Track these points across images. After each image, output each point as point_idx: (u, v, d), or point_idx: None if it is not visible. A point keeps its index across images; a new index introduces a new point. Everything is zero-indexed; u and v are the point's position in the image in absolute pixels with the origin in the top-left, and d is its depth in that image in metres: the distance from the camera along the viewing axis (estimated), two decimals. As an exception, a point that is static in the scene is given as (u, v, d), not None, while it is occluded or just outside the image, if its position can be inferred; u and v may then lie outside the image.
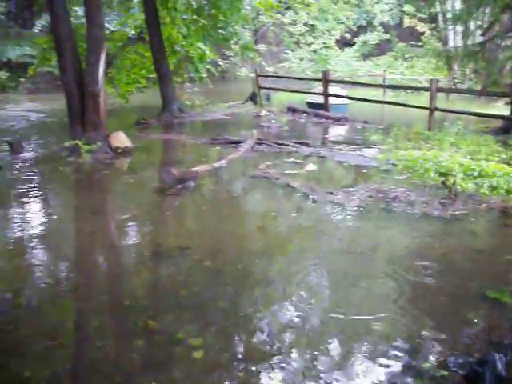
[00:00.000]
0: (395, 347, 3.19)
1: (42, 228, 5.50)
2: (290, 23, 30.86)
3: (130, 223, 5.81)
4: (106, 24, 11.59)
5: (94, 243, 5.31)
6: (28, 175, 7.82)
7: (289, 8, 28.74)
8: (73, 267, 4.66)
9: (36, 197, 6.74)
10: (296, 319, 3.52)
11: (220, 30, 15.56)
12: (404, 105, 13.02)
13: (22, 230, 5.38)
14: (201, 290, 4.02)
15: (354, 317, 3.55)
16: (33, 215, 6.01)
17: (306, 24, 30.77)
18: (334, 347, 3.23)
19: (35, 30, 23.67)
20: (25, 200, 6.52)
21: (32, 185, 7.27)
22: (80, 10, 14.47)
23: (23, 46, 22.40)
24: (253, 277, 4.27)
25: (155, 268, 4.56)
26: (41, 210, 6.33)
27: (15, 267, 4.55)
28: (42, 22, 23.01)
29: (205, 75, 17.39)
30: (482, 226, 5.65)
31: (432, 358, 3.08)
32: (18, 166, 8.31)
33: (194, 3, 15.59)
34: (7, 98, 20.08)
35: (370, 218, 5.67)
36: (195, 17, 15.53)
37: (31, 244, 5.03)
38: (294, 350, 3.18)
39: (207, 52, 16.69)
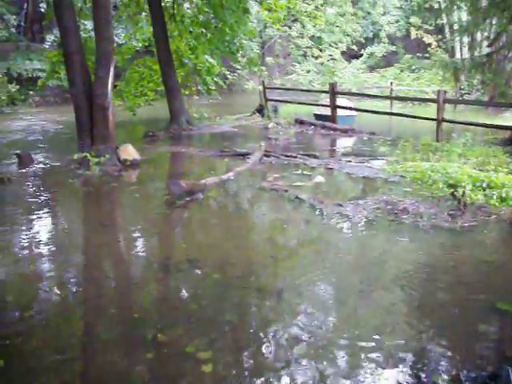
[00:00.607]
0: (406, 360, 3.16)
1: (50, 240, 5.52)
2: (297, 36, 31.05)
3: (139, 236, 5.82)
4: (114, 37, 11.71)
5: (103, 256, 5.32)
6: (37, 187, 7.86)
7: (296, 21, 28.93)
8: (82, 280, 4.66)
9: (45, 209, 6.75)
10: (305, 332, 3.50)
11: (227, 43, 15.66)
12: (411, 116, 13.01)
13: (30, 243, 5.40)
14: (210, 303, 4.01)
15: (363, 329, 3.53)
16: (41, 228, 6.03)
17: (312, 37, 30.93)
18: (343, 360, 3.21)
19: (45, 45, 23.96)
20: (33, 212, 6.54)
21: (41, 197, 7.31)
22: (89, 24, 14.69)
23: (33, 60, 22.62)
24: (262, 290, 4.24)
25: (164, 281, 4.56)
26: (49, 223, 6.35)
27: (24, 280, 4.56)
28: (52, 37, 23.28)
29: (213, 88, 17.48)
30: (492, 238, 5.60)
31: (444, 372, 3.04)
32: (26, 179, 8.37)
33: (201, 17, 15.71)
34: (17, 111, 20.28)
35: (379, 230, 5.65)
36: (203, 30, 15.66)
37: (40, 256, 5.05)
38: (302, 363, 3.16)
39: (215, 65, 16.79)
